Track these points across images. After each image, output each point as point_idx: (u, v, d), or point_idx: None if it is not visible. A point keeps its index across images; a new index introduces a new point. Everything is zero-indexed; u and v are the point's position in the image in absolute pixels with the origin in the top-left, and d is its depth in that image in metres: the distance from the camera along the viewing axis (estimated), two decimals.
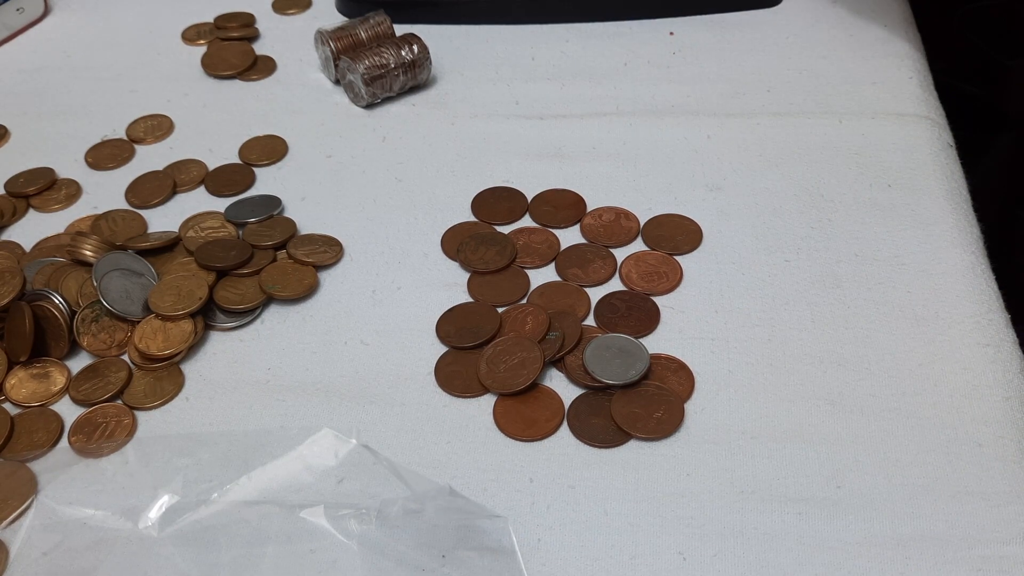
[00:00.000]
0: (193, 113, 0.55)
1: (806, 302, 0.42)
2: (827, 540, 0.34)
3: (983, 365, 0.39)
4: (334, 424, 0.38)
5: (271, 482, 0.36)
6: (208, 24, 0.62)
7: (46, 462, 0.38)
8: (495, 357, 0.40)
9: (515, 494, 0.36)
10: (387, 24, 0.56)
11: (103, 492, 0.37)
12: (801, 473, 0.36)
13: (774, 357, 0.40)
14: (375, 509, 0.35)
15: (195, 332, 0.42)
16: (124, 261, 0.44)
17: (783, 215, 0.46)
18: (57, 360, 0.41)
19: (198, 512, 0.36)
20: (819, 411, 0.38)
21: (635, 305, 0.42)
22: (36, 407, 0.40)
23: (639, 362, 0.39)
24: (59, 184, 0.51)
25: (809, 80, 0.54)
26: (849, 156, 0.49)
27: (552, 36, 0.59)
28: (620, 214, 0.47)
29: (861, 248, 0.44)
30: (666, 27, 0.59)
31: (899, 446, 0.36)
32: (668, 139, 0.51)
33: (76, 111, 0.56)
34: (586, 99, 0.54)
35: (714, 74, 0.55)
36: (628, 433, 0.37)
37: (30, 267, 0.44)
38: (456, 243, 0.46)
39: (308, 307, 0.44)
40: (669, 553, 0.34)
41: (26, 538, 0.35)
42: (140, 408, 0.40)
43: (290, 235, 0.46)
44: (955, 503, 0.35)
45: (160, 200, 0.49)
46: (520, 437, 0.38)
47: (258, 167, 0.51)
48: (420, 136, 0.53)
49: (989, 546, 0.33)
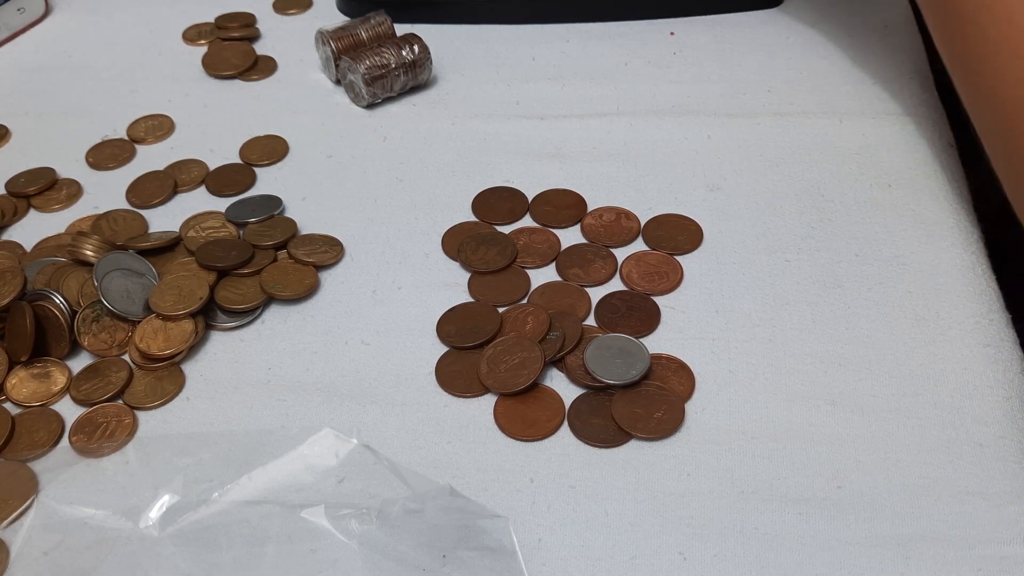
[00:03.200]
0: (194, 113, 0.55)
1: (807, 302, 0.42)
2: (828, 540, 0.34)
3: (983, 365, 0.39)
4: (335, 424, 0.38)
5: (272, 482, 0.36)
6: (209, 24, 0.62)
7: (47, 462, 0.38)
8: (496, 357, 0.40)
9: (516, 494, 0.36)
10: (388, 24, 0.56)
11: (104, 492, 0.37)
12: (802, 473, 0.36)
13: (775, 357, 0.40)
14: (376, 509, 0.35)
15: (196, 332, 0.42)
16: (125, 261, 0.44)
17: (783, 215, 0.46)
18: (58, 360, 0.42)
19: (199, 512, 0.36)
20: (820, 411, 0.38)
21: (635, 305, 0.42)
22: (37, 407, 0.40)
23: (639, 362, 0.39)
24: (60, 184, 0.51)
25: (809, 80, 0.54)
26: (850, 156, 0.49)
27: (552, 36, 0.59)
28: (621, 214, 0.47)
29: (861, 248, 0.44)
30: (666, 27, 0.59)
31: (900, 446, 0.36)
32: (668, 139, 0.51)
33: (77, 111, 0.56)
34: (586, 99, 0.54)
35: (714, 74, 0.55)
36: (629, 433, 0.37)
37: (31, 267, 0.44)
38: (457, 243, 0.46)
39: (309, 307, 0.44)
40: (670, 553, 0.34)
41: (27, 537, 0.35)
42: (141, 408, 0.40)
43: (291, 235, 0.46)
44: (956, 503, 0.35)
45: (161, 200, 0.49)
46: (521, 437, 0.38)
47: (259, 167, 0.51)
48: (421, 136, 0.53)
49: (990, 546, 0.33)
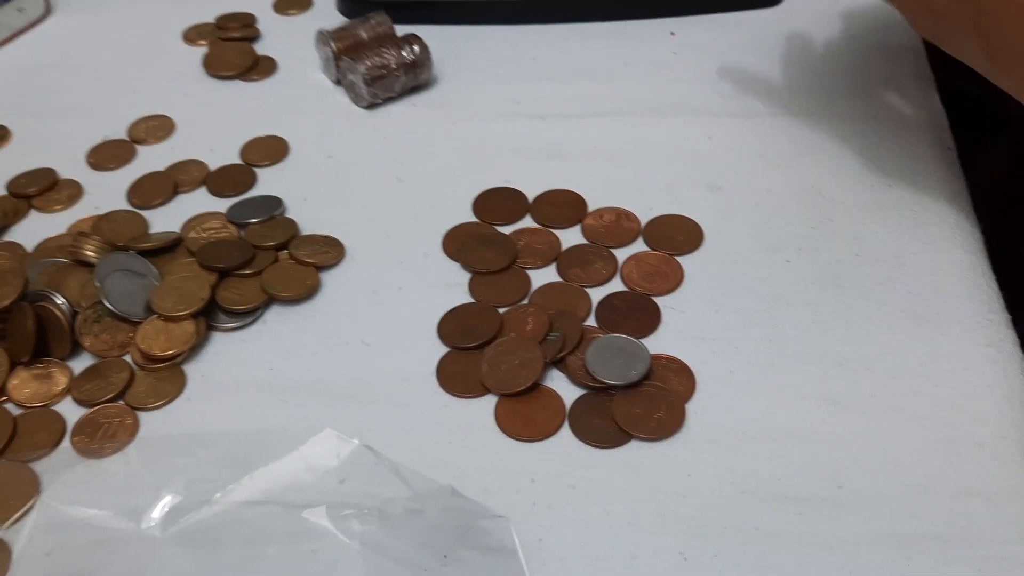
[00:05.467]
0: (194, 113, 0.55)
1: (807, 302, 0.42)
2: (828, 540, 0.34)
3: (983, 365, 0.39)
4: (336, 424, 0.38)
5: (273, 482, 0.36)
6: (209, 24, 0.62)
7: (48, 462, 0.38)
8: (496, 358, 0.40)
9: (516, 494, 0.36)
10: (388, 24, 0.56)
11: (105, 492, 0.37)
12: (802, 473, 0.36)
13: (775, 357, 0.40)
14: (377, 509, 0.35)
15: (197, 333, 0.42)
16: (126, 262, 0.44)
17: (784, 215, 0.46)
18: (59, 361, 0.42)
19: (200, 512, 0.36)
20: (820, 411, 0.38)
21: (636, 305, 0.42)
22: (38, 408, 0.40)
23: (640, 362, 0.39)
24: (61, 185, 0.51)
25: (809, 80, 0.54)
26: (850, 156, 0.49)
27: (552, 36, 0.59)
28: (621, 214, 0.47)
29: (862, 248, 0.44)
30: (666, 27, 0.59)
31: (900, 446, 0.37)
32: (669, 139, 0.51)
33: (77, 111, 0.56)
34: (587, 99, 0.54)
35: (714, 74, 0.55)
36: (629, 433, 0.37)
37: (32, 268, 0.44)
38: (457, 243, 0.46)
39: (310, 308, 0.44)
40: (670, 553, 0.34)
41: (28, 538, 0.35)
42: (142, 408, 0.40)
43: (291, 236, 0.46)
44: (956, 503, 0.35)
45: (162, 201, 0.49)
46: (521, 437, 0.38)
47: (259, 168, 0.51)
48: (421, 136, 0.53)
49: (990, 546, 0.33)
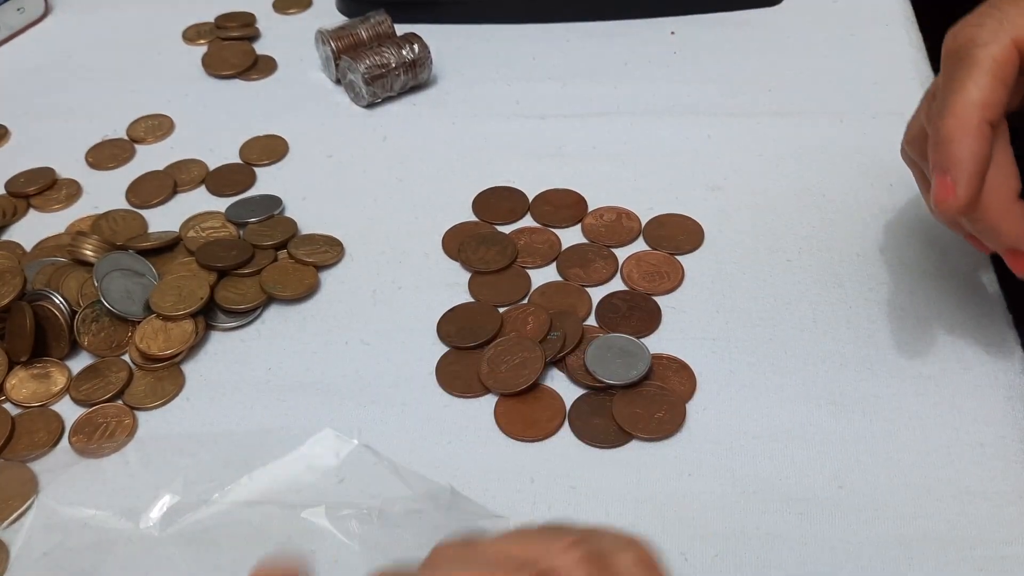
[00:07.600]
0: (193, 113, 0.55)
1: (808, 302, 0.42)
2: (829, 540, 0.34)
3: (984, 365, 0.39)
4: (335, 424, 0.38)
5: (272, 482, 0.36)
6: (208, 24, 0.62)
7: (47, 462, 0.38)
8: (496, 357, 0.40)
9: (516, 494, 0.36)
10: (388, 24, 0.56)
11: (104, 492, 0.37)
12: (803, 473, 0.36)
13: (776, 357, 0.40)
14: (376, 509, 0.35)
15: (196, 332, 0.42)
16: (125, 261, 0.44)
17: (784, 215, 0.46)
18: (58, 360, 0.41)
19: (199, 512, 0.36)
20: (821, 411, 0.38)
21: (636, 305, 0.42)
22: (37, 407, 0.40)
23: (640, 362, 0.39)
24: (60, 184, 0.51)
25: (809, 80, 0.54)
26: (850, 156, 0.49)
27: (552, 36, 0.59)
28: (621, 214, 0.47)
29: (863, 248, 0.44)
30: (666, 27, 0.59)
31: (901, 446, 0.36)
32: (669, 139, 0.51)
33: (76, 111, 0.56)
34: (587, 99, 0.54)
35: (714, 74, 0.55)
36: (629, 433, 0.37)
37: (31, 267, 0.44)
38: (457, 243, 0.46)
39: (309, 307, 0.44)
40: (671, 553, 0.34)
41: (27, 538, 0.35)
42: (141, 408, 0.40)
43: (291, 235, 0.46)
44: (957, 503, 0.35)
45: (161, 200, 0.49)
46: (521, 437, 0.38)
47: (259, 167, 0.51)
48: (421, 136, 0.52)
49: (991, 546, 0.33)
